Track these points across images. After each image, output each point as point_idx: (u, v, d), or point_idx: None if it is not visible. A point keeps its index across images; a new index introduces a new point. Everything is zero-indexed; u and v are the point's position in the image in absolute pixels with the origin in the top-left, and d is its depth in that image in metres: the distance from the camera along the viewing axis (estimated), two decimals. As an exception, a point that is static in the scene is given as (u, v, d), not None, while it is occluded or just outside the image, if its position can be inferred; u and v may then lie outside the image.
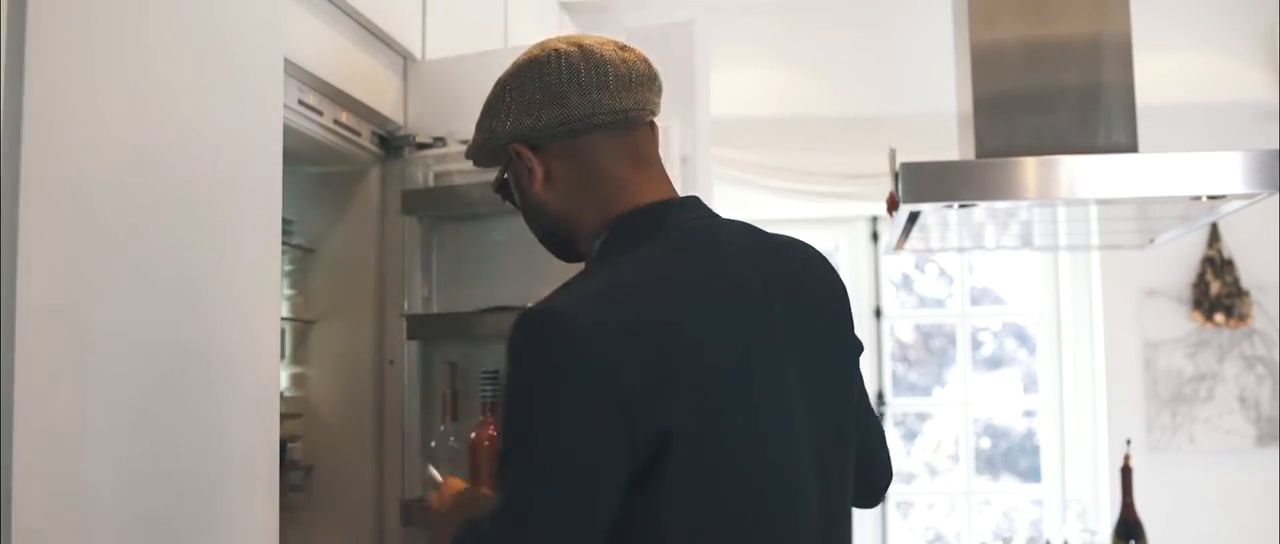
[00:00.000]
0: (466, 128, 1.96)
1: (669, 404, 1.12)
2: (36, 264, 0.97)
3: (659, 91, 1.35)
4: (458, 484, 1.56)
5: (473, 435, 1.78)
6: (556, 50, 1.31)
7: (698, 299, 1.19)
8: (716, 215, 1.33)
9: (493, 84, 1.36)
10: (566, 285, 1.22)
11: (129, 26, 1.12)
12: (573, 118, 1.28)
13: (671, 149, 1.74)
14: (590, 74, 1.29)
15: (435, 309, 1.98)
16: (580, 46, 1.31)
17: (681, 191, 1.39)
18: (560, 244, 1.37)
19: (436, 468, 1.63)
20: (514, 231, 1.93)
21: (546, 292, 1.95)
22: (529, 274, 1.93)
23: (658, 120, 1.36)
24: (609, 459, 1.11)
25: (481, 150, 1.37)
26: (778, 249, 1.34)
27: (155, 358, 1.15)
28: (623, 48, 1.33)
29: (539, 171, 1.31)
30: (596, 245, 1.30)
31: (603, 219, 1.29)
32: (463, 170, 1.98)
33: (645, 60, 1.34)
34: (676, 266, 1.22)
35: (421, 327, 1.95)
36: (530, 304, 1.24)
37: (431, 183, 2.00)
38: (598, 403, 1.10)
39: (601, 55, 1.30)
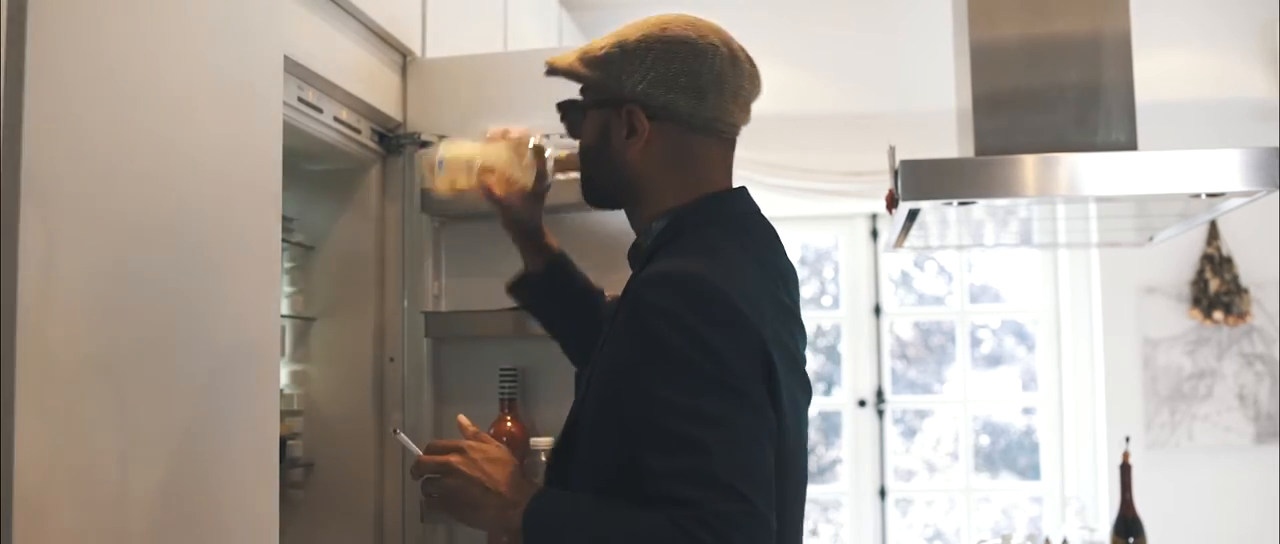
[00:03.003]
0: (469, 127, 1.98)
1: (774, 365, 1.24)
2: (36, 262, 0.97)
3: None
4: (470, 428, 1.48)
5: (490, 431, 1.78)
6: (713, 44, 1.36)
7: (773, 286, 1.32)
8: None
9: (615, 35, 1.40)
10: (676, 257, 1.30)
11: (129, 24, 1.12)
12: (703, 116, 1.37)
13: None
14: (736, 83, 1.38)
15: (444, 307, 1.98)
16: (731, 49, 1.38)
17: None
18: (610, 197, 1.44)
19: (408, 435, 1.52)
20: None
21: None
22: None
23: None
24: (762, 385, 1.22)
25: (591, 86, 1.40)
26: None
27: (155, 355, 1.15)
28: (753, 62, 1.42)
29: (643, 139, 1.36)
30: (664, 220, 1.38)
31: (676, 201, 1.37)
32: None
33: (760, 78, 1.44)
34: (757, 257, 1.34)
35: (438, 325, 1.95)
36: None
37: None
38: (751, 338, 1.21)
39: (745, 68, 1.39)
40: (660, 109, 1.36)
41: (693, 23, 1.38)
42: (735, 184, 1.46)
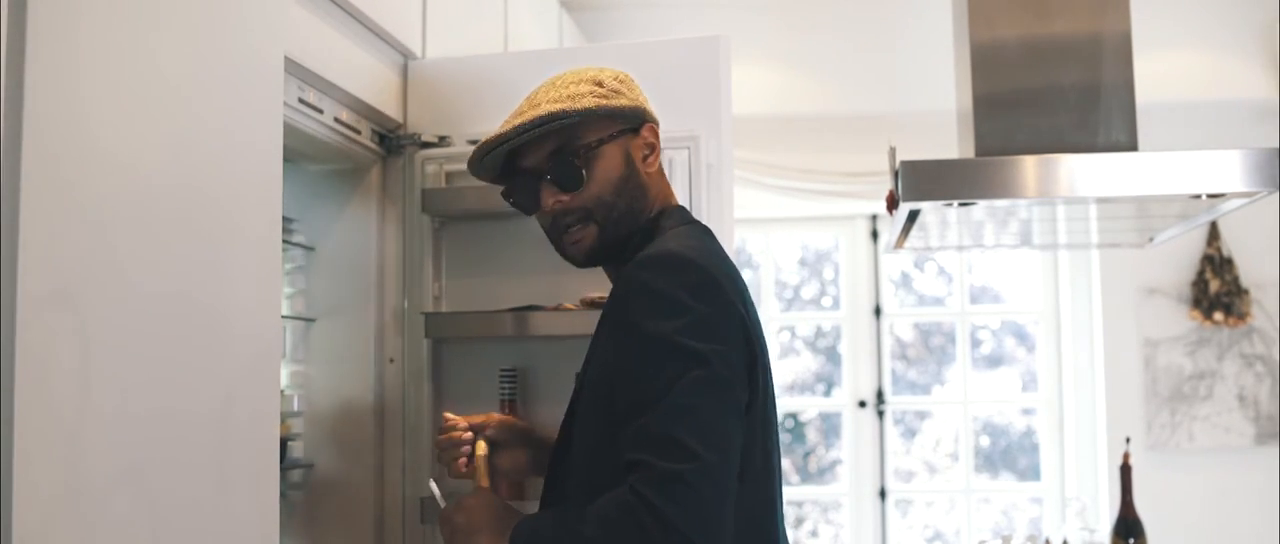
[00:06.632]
0: (469, 128, 1.99)
1: (754, 343, 1.32)
2: (37, 262, 0.97)
3: None
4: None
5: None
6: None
7: (737, 274, 1.40)
8: None
9: (553, 77, 1.51)
10: (662, 242, 1.38)
11: (129, 24, 1.12)
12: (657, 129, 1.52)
13: (699, 157, 1.82)
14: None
15: (444, 308, 1.98)
16: None
17: (707, 196, 1.76)
18: (626, 230, 1.45)
19: (438, 484, 1.61)
20: (522, 232, 1.93)
21: (557, 291, 1.96)
22: (536, 274, 1.93)
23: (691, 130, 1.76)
24: (743, 361, 1.28)
25: (612, 114, 1.44)
26: None
27: (156, 356, 1.15)
28: None
29: (658, 153, 1.48)
30: (650, 215, 1.48)
31: (661, 203, 1.48)
32: None
33: None
34: (720, 249, 1.44)
35: (438, 325, 1.95)
36: (549, 302, 1.59)
37: (443, 182, 2.00)
38: (732, 313, 1.28)
39: None
40: (657, 121, 1.50)
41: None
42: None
